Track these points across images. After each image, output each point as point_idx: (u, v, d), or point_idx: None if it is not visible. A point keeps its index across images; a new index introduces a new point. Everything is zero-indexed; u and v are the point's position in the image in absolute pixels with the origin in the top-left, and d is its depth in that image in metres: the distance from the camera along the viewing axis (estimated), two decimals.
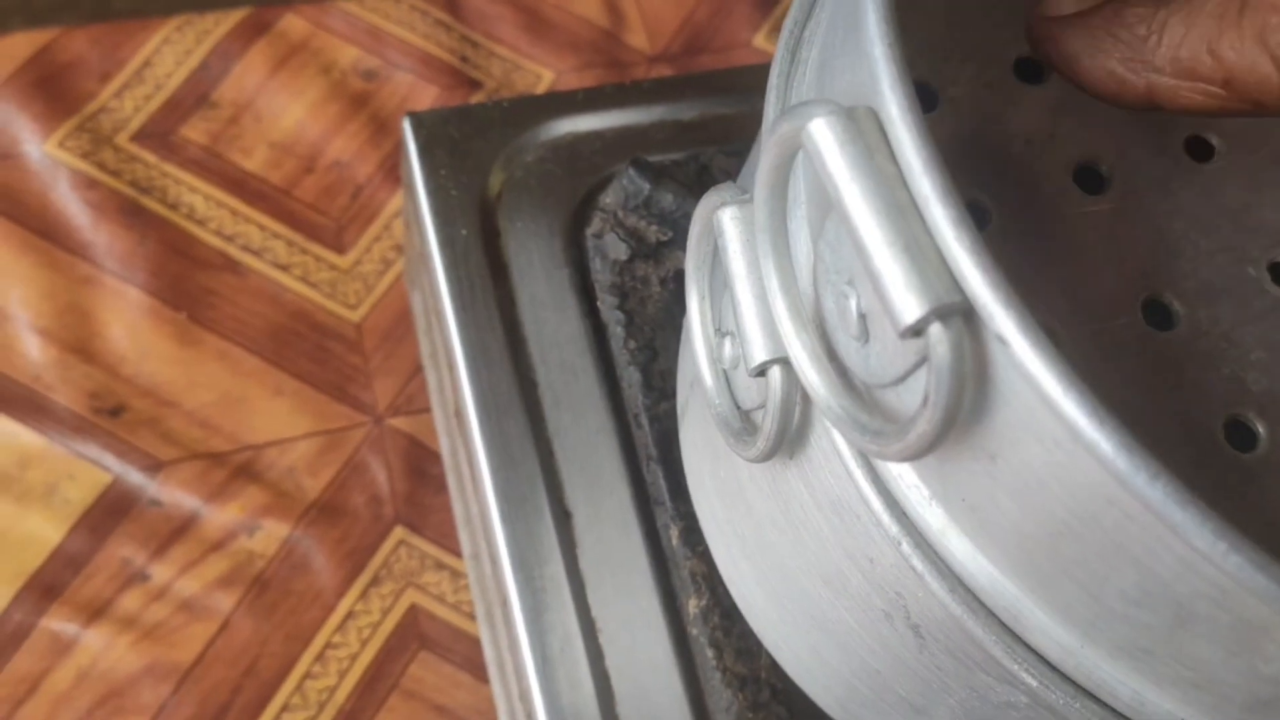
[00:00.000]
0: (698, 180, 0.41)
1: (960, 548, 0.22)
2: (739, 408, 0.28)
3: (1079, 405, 0.17)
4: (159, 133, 0.58)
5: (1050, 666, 0.22)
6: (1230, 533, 0.16)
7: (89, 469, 0.51)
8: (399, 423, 0.54)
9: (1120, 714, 0.22)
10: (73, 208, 0.56)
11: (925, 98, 0.27)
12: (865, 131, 0.19)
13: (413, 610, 0.51)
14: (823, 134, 0.19)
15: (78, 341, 0.54)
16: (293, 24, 0.61)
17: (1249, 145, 0.28)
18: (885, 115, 0.19)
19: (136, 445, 0.52)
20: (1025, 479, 0.19)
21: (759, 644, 0.37)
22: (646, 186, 0.39)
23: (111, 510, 0.51)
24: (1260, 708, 0.19)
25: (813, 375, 0.22)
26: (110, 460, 0.52)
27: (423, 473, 0.53)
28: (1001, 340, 0.17)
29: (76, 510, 0.51)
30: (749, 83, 0.44)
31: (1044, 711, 0.24)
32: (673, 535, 0.38)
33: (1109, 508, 0.18)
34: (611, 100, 0.43)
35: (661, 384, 0.39)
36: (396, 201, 0.58)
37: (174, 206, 0.56)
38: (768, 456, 0.26)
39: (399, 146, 0.58)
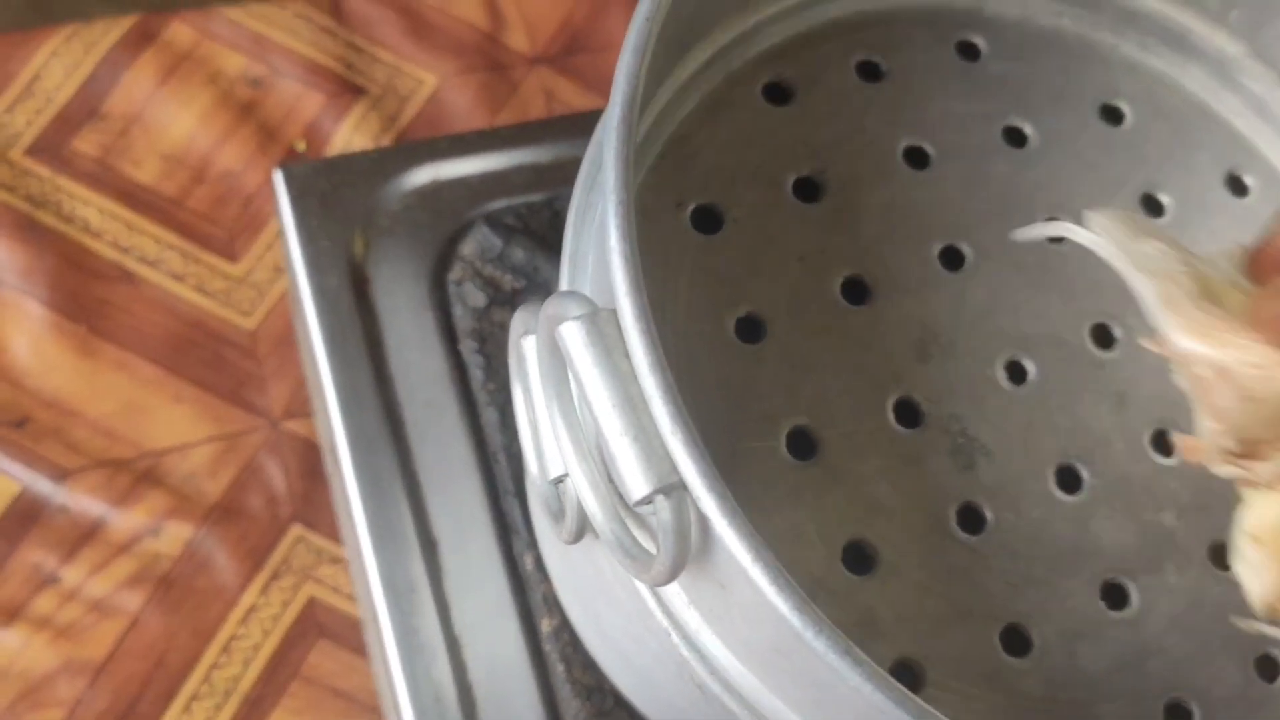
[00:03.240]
0: (550, 227, 0.45)
1: (712, 643, 0.26)
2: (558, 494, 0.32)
3: (764, 573, 0.21)
4: (51, 146, 0.60)
5: None
6: (876, 675, 0.21)
7: None
8: (294, 425, 0.58)
9: None
10: None
11: (711, 220, 0.31)
12: (605, 334, 0.23)
13: (311, 602, 0.55)
14: (572, 335, 0.23)
15: None
16: (179, 32, 0.62)
17: (993, 254, 0.32)
18: (622, 320, 0.22)
19: (43, 455, 0.55)
20: (747, 609, 0.24)
21: None
22: (499, 243, 0.43)
23: (22, 518, 0.54)
24: None
25: (590, 501, 0.26)
26: (18, 470, 0.55)
27: (318, 472, 0.57)
28: (705, 518, 0.21)
29: None
30: None
31: None
32: (528, 561, 0.42)
33: (799, 645, 0.22)
34: (474, 146, 0.46)
35: (517, 426, 0.43)
36: None
37: (69, 220, 0.59)
38: (573, 542, 0.30)
39: (287, 154, 0.61)
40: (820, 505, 0.29)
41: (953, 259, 0.32)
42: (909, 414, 0.30)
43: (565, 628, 0.41)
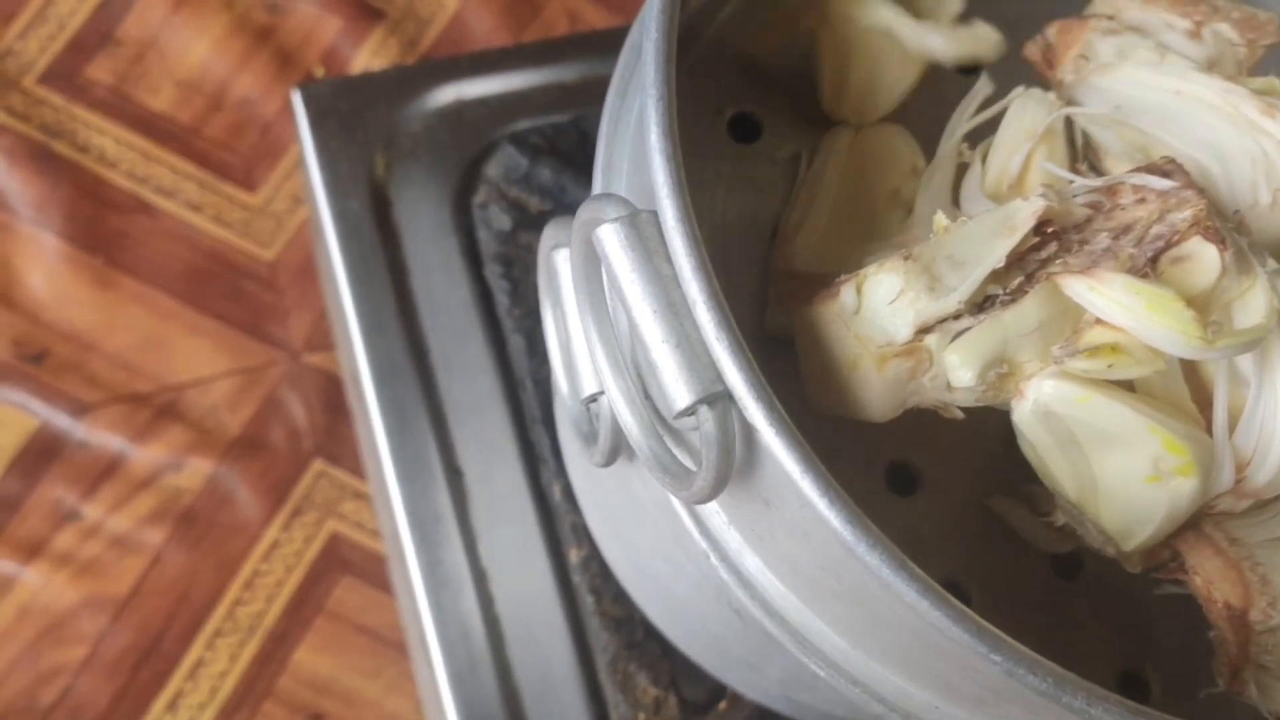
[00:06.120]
0: (578, 148, 0.43)
1: (754, 564, 0.25)
2: (590, 415, 0.30)
3: (814, 485, 0.20)
4: (65, 74, 0.58)
5: (831, 661, 0.25)
6: (932, 591, 0.20)
7: (16, 414, 0.54)
8: (315, 359, 0.57)
9: (889, 700, 0.25)
10: None
11: (750, 128, 0.30)
12: (646, 236, 0.21)
13: (334, 538, 0.55)
14: (609, 238, 0.21)
15: None
16: None
17: None
18: (664, 221, 0.21)
19: (62, 389, 0.55)
20: (792, 525, 0.22)
21: None
22: (525, 163, 0.41)
23: (42, 454, 0.54)
24: (991, 699, 0.23)
25: (626, 416, 0.25)
26: (37, 405, 0.54)
27: (340, 406, 0.56)
28: (752, 427, 0.20)
29: (7, 455, 0.53)
30: None
31: (841, 683, 0.28)
32: (556, 491, 0.41)
33: (849, 560, 0.21)
34: (496, 64, 0.45)
35: (545, 349, 0.42)
36: None
37: (84, 150, 0.57)
38: (606, 465, 0.29)
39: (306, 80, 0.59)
40: (864, 426, 0.28)
41: None
42: None
43: (594, 558, 0.40)
